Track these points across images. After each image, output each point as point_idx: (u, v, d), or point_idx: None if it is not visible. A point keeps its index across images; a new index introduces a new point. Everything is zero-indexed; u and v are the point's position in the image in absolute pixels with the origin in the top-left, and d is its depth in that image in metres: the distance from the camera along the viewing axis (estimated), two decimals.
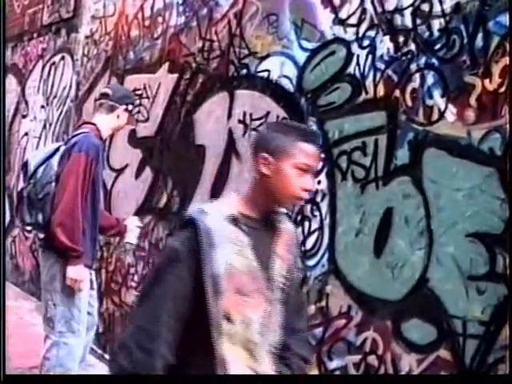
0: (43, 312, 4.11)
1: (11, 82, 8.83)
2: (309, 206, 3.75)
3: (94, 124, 4.18)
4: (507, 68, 2.84)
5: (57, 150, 4.11)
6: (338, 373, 3.49)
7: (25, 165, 4.22)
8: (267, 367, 2.11)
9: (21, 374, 4.47)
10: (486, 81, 2.91)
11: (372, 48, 3.50)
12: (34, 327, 4.48)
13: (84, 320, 4.07)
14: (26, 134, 8.07)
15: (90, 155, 3.91)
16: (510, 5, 2.87)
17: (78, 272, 3.92)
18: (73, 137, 4.14)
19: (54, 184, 3.95)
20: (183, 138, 4.95)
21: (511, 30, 2.85)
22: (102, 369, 5.36)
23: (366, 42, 3.54)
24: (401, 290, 3.19)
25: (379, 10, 3.49)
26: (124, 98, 4.27)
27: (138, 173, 5.46)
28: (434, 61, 3.17)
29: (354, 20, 3.63)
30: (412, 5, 3.31)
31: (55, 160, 4.02)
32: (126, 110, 4.25)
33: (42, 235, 4.14)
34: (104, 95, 4.27)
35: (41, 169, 4.03)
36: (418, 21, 3.27)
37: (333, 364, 3.51)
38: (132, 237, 4.52)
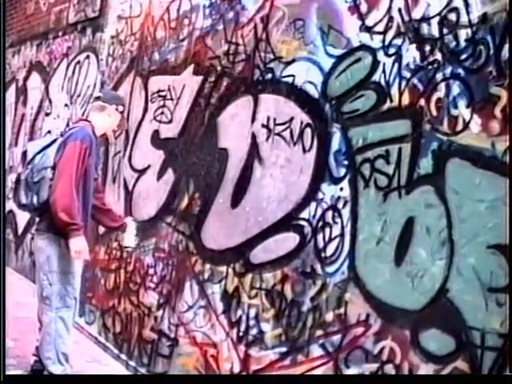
0: (38, 292, 4.59)
1: (35, 79, 8.91)
2: (330, 213, 3.76)
3: (89, 121, 4.73)
4: None
5: (54, 141, 4.62)
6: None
7: (24, 153, 4.81)
8: None
9: (21, 373, 4.66)
10: None
11: (398, 56, 3.49)
12: None
13: (76, 295, 4.65)
14: (49, 131, 8.11)
15: (84, 143, 4.43)
16: (510, 9, 2.87)
17: (80, 243, 4.40)
18: (69, 129, 4.69)
19: (49, 170, 4.46)
20: (206, 140, 4.96)
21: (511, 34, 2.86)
22: (115, 368, 5.41)
23: (392, 50, 3.54)
24: (420, 300, 3.18)
25: (406, 18, 3.48)
26: (113, 99, 4.93)
27: (160, 174, 5.48)
28: (460, 71, 3.16)
29: (380, 28, 3.63)
30: (439, 14, 3.30)
31: (52, 149, 4.55)
32: (117, 110, 4.85)
33: (38, 218, 4.68)
34: (96, 98, 4.95)
35: (38, 156, 4.56)
36: (445, 30, 3.27)
37: (349, 372, 3.51)
38: (130, 240, 5.08)
